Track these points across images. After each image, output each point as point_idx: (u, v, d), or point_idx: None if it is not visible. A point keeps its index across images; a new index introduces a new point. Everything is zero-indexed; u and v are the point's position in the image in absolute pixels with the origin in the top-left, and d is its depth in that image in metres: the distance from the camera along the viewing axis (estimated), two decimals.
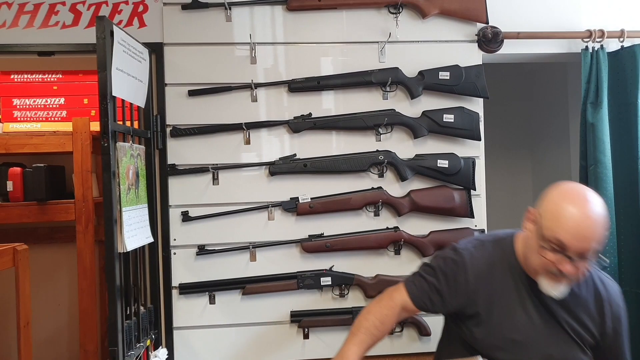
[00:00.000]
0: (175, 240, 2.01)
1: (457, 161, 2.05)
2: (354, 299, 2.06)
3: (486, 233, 1.99)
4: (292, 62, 2.05)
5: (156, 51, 1.99)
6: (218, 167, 2.00)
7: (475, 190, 2.09)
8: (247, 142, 2.02)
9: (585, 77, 2.13)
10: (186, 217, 1.98)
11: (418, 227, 2.08)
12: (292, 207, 2.02)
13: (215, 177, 2.01)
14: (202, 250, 2.00)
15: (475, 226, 2.10)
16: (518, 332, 1.36)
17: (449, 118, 2.05)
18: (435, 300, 1.43)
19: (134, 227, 1.70)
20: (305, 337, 2.03)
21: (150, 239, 1.86)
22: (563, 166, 2.95)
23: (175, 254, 2.01)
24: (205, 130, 2.00)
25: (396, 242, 2.04)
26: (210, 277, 2.01)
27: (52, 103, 2.19)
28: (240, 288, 2.01)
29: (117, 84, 1.60)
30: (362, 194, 2.03)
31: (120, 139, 1.65)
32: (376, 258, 2.07)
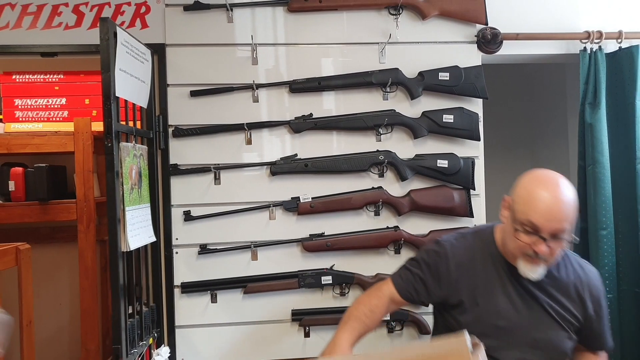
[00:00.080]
0: (177, 239, 2.02)
1: (456, 161, 2.06)
2: (354, 297, 2.05)
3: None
4: (293, 62, 2.06)
5: (158, 52, 1.99)
6: (220, 167, 2.01)
7: (474, 190, 2.10)
8: (248, 142, 2.03)
9: (584, 78, 2.14)
10: (188, 217, 1.99)
11: (418, 226, 2.09)
12: (293, 206, 2.03)
13: (217, 177, 2.02)
14: (204, 249, 2.01)
15: (475, 226, 2.11)
16: (502, 318, 1.39)
17: (448, 118, 2.06)
18: (420, 290, 1.48)
19: (136, 227, 1.71)
20: (306, 335, 2.05)
21: (153, 238, 1.87)
22: (562, 166, 2.95)
23: (177, 253, 2.02)
24: (207, 130, 2.01)
25: (396, 242, 2.05)
26: (212, 276, 2.02)
27: (54, 103, 2.20)
28: (242, 287, 2.02)
29: (120, 85, 1.61)
30: (362, 194, 2.04)
31: (123, 139, 1.66)
32: (376, 257, 2.08)
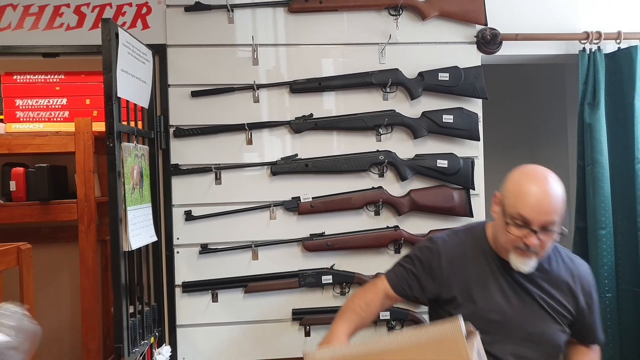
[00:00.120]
0: (178, 239, 2.02)
1: (456, 161, 2.07)
2: None
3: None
4: (294, 63, 2.07)
5: (159, 53, 2.00)
6: (220, 167, 2.02)
7: (474, 189, 2.11)
8: (249, 142, 2.04)
9: (583, 78, 2.15)
10: (189, 217, 2.00)
11: (418, 226, 2.10)
12: (294, 206, 2.03)
13: (218, 177, 2.03)
14: (205, 249, 2.02)
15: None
16: (496, 313, 1.41)
17: (448, 118, 2.07)
18: (413, 286, 1.50)
19: (138, 226, 1.72)
20: (307, 334, 2.05)
21: (154, 238, 1.88)
22: (561, 166, 2.95)
23: (178, 252, 2.03)
24: (208, 130, 2.02)
25: (396, 241, 2.06)
26: (212, 275, 2.03)
27: (55, 104, 2.20)
28: (243, 286, 2.03)
29: (122, 85, 1.61)
30: (362, 194, 2.05)
31: (124, 140, 1.67)
32: (376, 257, 2.09)
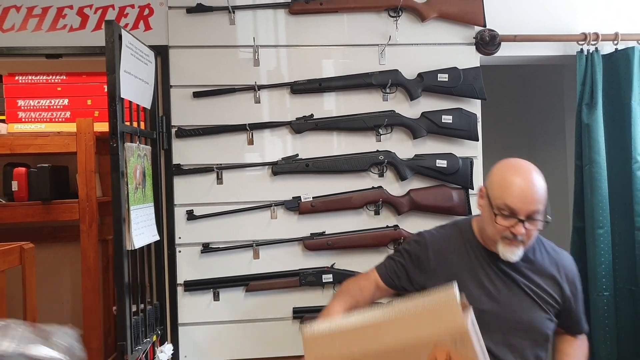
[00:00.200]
0: (180, 238, 2.04)
1: (455, 161, 2.09)
2: None
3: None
4: (295, 64, 2.09)
5: (162, 54, 2.01)
6: (222, 167, 2.04)
7: (473, 189, 2.12)
8: (250, 142, 2.06)
9: (581, 79, 2.17)
10: (191, 216, 2.02)
11: (417, 225, 2.10)
12: (295, 206, 2.05)
13: (220, 176, 2.04)
14: (207, 248, 2.03)
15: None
16: (485, 303, 1.44)
17: (447, 119, 2.09)
18: (401, 276, 1.56)
19: (141, 225, 1.73)
20: None
21: (157, 237, 1.89)
22: (559, 166, 2.97)
23: (180, 251, 2.04)
24: (210, 131, 2.03)
25: (396, 240, 2.07)
26: (214, 274, 2.04)
27: (56, 104, 2.21)
28: (244, 285, 2.04)
29: (125, 86, 1.63)
30: (362, 193, 2.07)
31: (127, 140, 1.68)
32: (376, 256, 2.08)
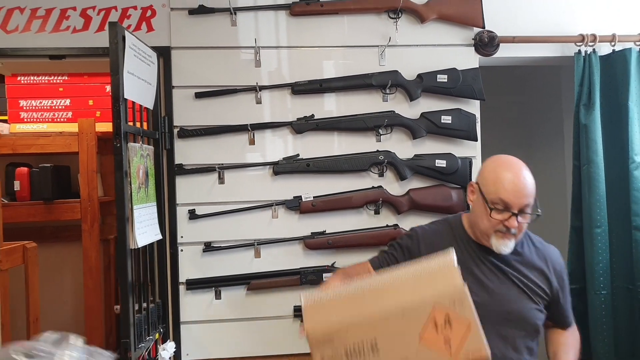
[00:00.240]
0: (182, 237, 2.05)
1: (454, 161, 2.11)
2: None
3: None
4: (295, 65, 2.10)
5: (164, 55, 2.03)
6: (224, 167, 2.05)
7: None
8: (251, 142, 2.07)
9: (578, 80, 2.18)
10: (193, 215, 2.03)
11: (417, 224, 2.10)
12: (295, 205, 2.07)
13: (221, 176, 2.06)
14: (209, 247, 2.05)
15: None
16: (476, 294, 1.44)
17: (446, 119, 2.11)
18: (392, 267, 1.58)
19: (144, 225, 1.75)
20: None
21: (159, 236, 1.91)
22: (557, 166, 2.99)
23: (182, 250, 2.06)
24: (212, 131, 2.05)
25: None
26: (216, 273, 2.06)
27: (58, 104, 2.23)
28: (245, 284, 2.06)
29: (128, 87, 1.65)
30: (362, 193, 2.08)
31: (130, 140, 1.70)
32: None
